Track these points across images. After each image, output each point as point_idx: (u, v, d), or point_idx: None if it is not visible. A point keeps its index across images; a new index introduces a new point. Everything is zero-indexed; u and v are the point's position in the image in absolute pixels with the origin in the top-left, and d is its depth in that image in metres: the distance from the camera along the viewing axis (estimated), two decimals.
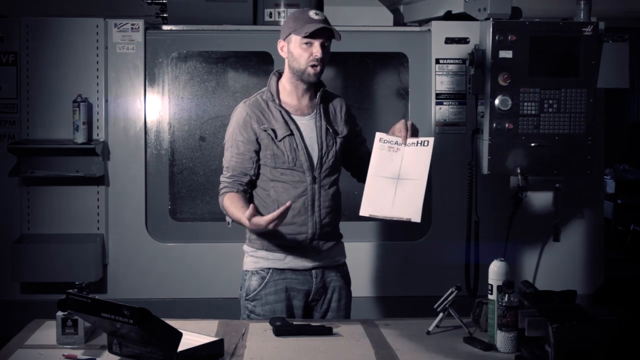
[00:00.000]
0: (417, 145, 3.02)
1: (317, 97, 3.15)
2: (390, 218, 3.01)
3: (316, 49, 3.02)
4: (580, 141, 4.01)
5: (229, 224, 3.16)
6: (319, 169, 3.11)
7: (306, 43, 3.02)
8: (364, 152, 3.26)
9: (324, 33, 3.02)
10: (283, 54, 3.11)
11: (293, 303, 3.12)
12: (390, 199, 2.99)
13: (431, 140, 3.02)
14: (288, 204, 2.89)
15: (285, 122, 3.08)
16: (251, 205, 2.90)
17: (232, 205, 3.03)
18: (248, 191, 3.12)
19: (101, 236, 4.28)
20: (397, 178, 3.01)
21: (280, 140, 3.06)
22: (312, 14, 3.04)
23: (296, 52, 3.05)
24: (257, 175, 3.11)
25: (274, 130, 3.06)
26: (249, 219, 2.87)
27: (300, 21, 3.03)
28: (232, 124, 3.13)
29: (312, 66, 3.03)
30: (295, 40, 3.03)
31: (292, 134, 3.07)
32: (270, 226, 2.87)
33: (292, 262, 3.11)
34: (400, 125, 3.05)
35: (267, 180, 3.10)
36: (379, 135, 3.07)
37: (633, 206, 8.16)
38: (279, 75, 3.16)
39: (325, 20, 3.04)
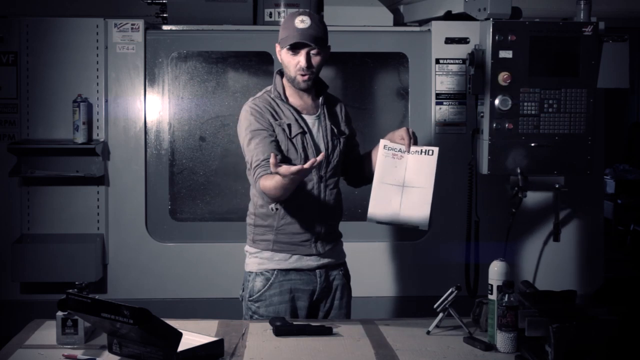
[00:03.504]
0: (420, 153, 3.02)
1: (321, 97, 3.14)
2: (398, 224, 3.01)
3: (301, 58, 2.99)
4: (580, 141, 4.01)
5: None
6: (326, 168, 3.10)
7: (292, 52, 2.99)
8: (356, 156, 3.28)
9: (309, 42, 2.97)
10: (279, 58, 3.09)
11: (297, 304, 3.12)
12: (397, 205, 3.00)
13: (436, 150, 3.02)
14: (320, 156, 2.72)
15: (296, 120, 3.06)
16: (272, 155, 2.73)
17: (269, 179, 2.85)
18: None
19: (101, 236, 4.28)
20: (402, 185, 3.01)
21: (293, 137, 3.04)
22: (297, 21, 2.97)
23: (285, 59, 3.03)
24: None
25: (289, 126, 3.04)
26: (284, 173, 2.69)
27: (286, 29, 3.00)
28: (246, 119, 3.04)
29: (301, 74, 3.02)
30: (283, 48, 3.02)
31: (304, 131, 3.05)
32: (292, 170, 2.68)
33: (297, 262, 3.10)
34: (402, 133, 3.03)
35: None
36: (383, 142, 3.06)
37: (633, 206, 8.17)
38: (282, 74, 3.13)
39: (309, 28, 2.96)
